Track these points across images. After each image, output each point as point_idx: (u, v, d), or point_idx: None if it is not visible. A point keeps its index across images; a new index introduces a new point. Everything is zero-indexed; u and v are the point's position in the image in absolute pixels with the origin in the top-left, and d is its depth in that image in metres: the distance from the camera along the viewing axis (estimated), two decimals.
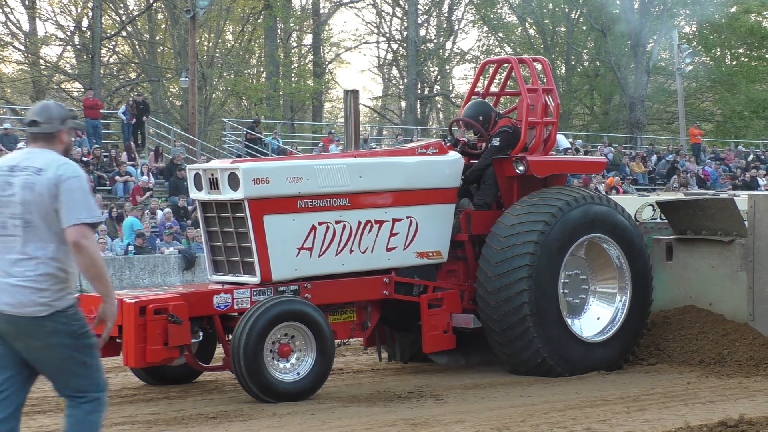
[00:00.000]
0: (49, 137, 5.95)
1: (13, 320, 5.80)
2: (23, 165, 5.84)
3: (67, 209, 5.73)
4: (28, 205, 5.80)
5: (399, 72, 58.00)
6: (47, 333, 5.81)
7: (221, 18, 48.20)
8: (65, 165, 5.85)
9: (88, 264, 5.81)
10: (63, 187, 5.75)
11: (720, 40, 58.55)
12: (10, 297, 5.78)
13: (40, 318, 5.77)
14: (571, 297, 12.25)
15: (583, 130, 56.35)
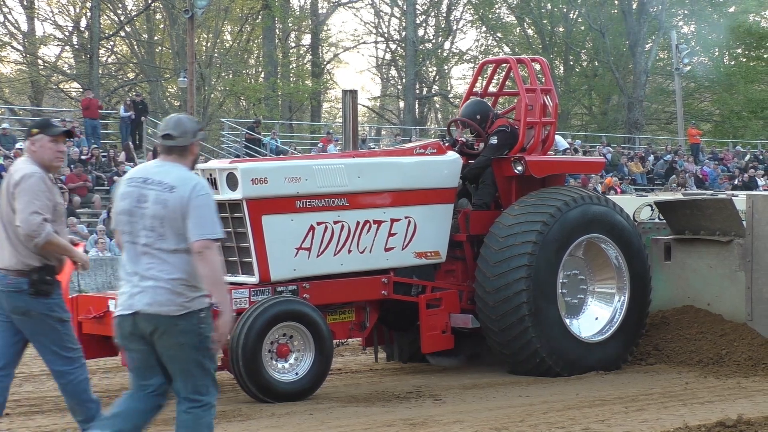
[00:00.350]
0: (182, 150, 6.36)
1: (152, 318, 6.23)
2: (156, 179, 6.28)
3: (195, 224, 6.18)
4: (160, 218, 6.24)
5: (397, 72, 58.01)
6: (179, 332, 6.23)
7: (220, 18, 48.20)
8: (196, 183, 6.29)
9: (209, 273, 6.21)
10: (192, 205, 6.20)
11: (718, 40, 58.55)
12: (149, 297, 6.22)
13: (175, 317, 6.20)
14: (569, 297, 12.25)
15: (582, 130, 56.35)
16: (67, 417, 9.88)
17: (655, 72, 57.59)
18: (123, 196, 6.38)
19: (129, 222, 6.33)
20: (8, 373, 7.92)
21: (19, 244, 7.57)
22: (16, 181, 7.58)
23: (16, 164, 7.82)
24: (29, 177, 7.57)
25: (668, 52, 55.44)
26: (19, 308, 7.64)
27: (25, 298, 7.60)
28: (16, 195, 7.53)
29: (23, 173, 7.59)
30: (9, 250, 7.63)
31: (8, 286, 7.61)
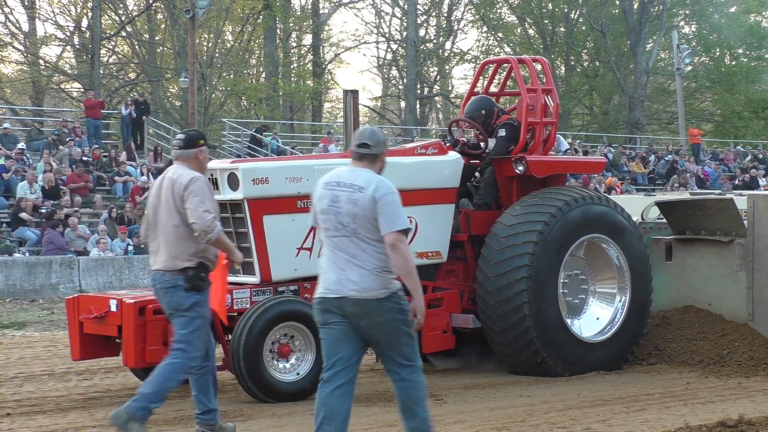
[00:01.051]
0: (373, 158, 7.27)
1: (360, 303, 7.04)
2: (348, 182, 7.16)
3: (384, 219, 6.99)
4: (352, 216, 7.07)
5: (398, 72, 58.02)
6: (386, 311, 7.06)
7: (221, 18, 48.19)
8: (382, 183, 7.11)
9: (401, 263, 7.07)
10: (380, 202, 7.02)
11: (719, 40, 58.57)
12: (355, 285, 7.01)
13: (380, 299, 7.03)
14: (570, 297, 12.26)
15: (583, 130, 56.35)
16: (68, 417, 9.90)
17: (656, 72, 57.57)
18: (320, 198, 7.29)
19: (327, 219, 7.17)
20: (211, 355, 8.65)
21: (175, 247, 8.36)
22: (184, 184, 8.37)
23: (175, 170, 8.55)
24: (197, 179, 8.42)
25: (669, 52, 55.42)
26: (174, 303, 8.39)
27: (180, 293, 8.35)
28: (187, 197, 8.33)
29: (190, 177, 8.42)
30: (166, 253, 8.39)
31: (166, 283, 8.39)
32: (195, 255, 8.40)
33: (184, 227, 8.37)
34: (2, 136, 30.48)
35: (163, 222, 8.45)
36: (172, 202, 8.41)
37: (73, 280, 22.72)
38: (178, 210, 8.38)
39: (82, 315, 10.76)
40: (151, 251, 8.60)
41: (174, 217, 8.39)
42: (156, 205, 8.55)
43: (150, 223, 8.60)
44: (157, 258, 8.49)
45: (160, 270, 8.43)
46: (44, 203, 25.97)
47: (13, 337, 16.59)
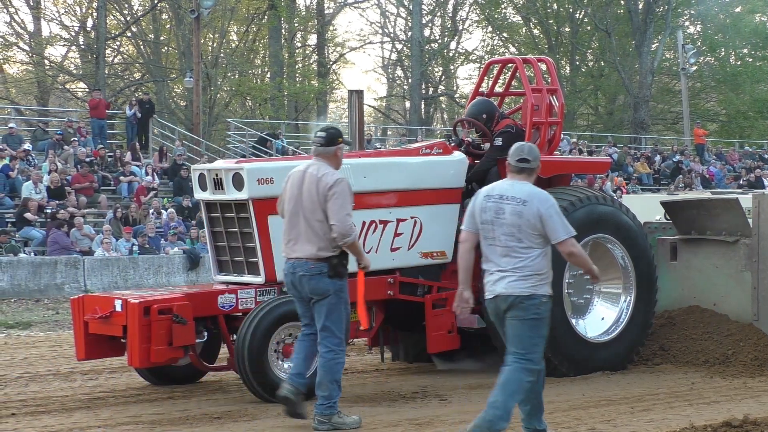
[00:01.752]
0: (531, 171, 8.09)
1: (507, 298, 7.96)
2: (510, 195, 7.94)
3: (554, 229, 7.91)
4: (517, 226, 7.92)
5: (403, 72, 58.00)
6: (523, 308, 7.93)
7: (225, 18, 48.17)
8: (542, 196, 7.99)
9: (581, 261, 8.18)
10: (545, 215, 7.91)
11: (724, 40, 58.52)
12: (506, 283, 7.93)
13: (522, 296, 7.90)
14: (575, 297, 12.25)
15: (588, 130, 56.31)
16: (73, 417, 9.91)
17: (661, 72, 57.51)
18: (484, 210, 8.06)
19: (491, 229, 8.00)
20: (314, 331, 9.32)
21: (320, 239, 9.08)
22: (330, 184, 9.04)
23: (318, 167, 9.19)
24: (341, 182, 9.11)
25: (674, 52, 55.37)
26: (319, 289, 9.12)
27: (325, 280, 9.11)
28: (330, 197, 9.02)
29: (336, 177, 9.10)
30: (309, 243, 9.12)
31: (311, 270, 9.11)
32: (338, 246, 9.12)
33: (327, 222, 9.06)
34: (7, 136, 30.49)
35: (306, 216, 9.14)
36: (316, 199, 9.10)
37: (78, 280, 22.74)
38: (321, 207, 9.08)
39: (87, 315, 10.77)
40: (290, 239, 9.26)
41: (318, 213, 9.09)
42: (296, 197, 9.21)
43: (290, 212, 9.26)
44: (297, 246, 9.19)
45: (303, 258, 9.13)
46: (49, 203, 26.00)
47: (18, 337, 16.61)
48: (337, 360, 9.17)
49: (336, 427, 9.12)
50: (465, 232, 8.23)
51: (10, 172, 27.61)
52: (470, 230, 8.18)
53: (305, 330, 9.43)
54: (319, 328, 9.19)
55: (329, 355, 9.17)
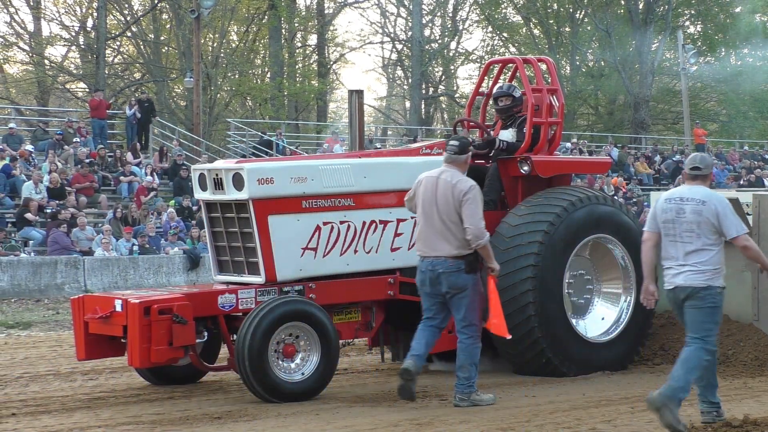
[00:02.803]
0: (705, 178, 9.03)
1: (686, 289, 8.88)
2: (689, 197, 8.85)
3: (726, 227, 8.78)
4: (696, 224, 8.83)
5: (403, 72, 58.01)
6: (699, 297, 8.87)
7: (226, 18, 48.19)
8: (716, 197, 8.90)
9: (754, 257, 9.02)
10: (721, 213, 8.78)
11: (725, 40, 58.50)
12: (685, 276, 8.85)
13: (698, 288, 8.83)
14: (575, 297, 12.25)
15: (588, 130, 56.31)
16: (73, 417, 9.92)
17: (661, 72, 57.50)
18: (665, 211, 8.96)
19: (672, 227, 8.91)
20: (439, 324, 10.41)
21: (456, 239, 10.00)
22: (464, 190, 10.00)
23: (452, 174, 10.15)
24: (475, 188, 10.08)
25: (674, 52, 55.36)
26: (458, 284, 10.05)
27: (463, 276, 10.04)
28: (464, 202, 9.96)
29: (470, 185, 10.06)
30: (446, 242, 10.04)
31: (450, 267, 10.03)
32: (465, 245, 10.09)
33: (461, 224, 9.99)
34: (7, 137, 30.50)
35: (441, 218, 10.05)
36: (452, 203, 10.03)
37: (78, 280, 22.75)
38: (457, 211, 10.00)
39: (87, 315, 10.77)
40: (425, 239, 10.16)
41: (453, 215, 10.02)
42: (431, 200, 10.12)
43: (425, 215, 10.16)
44: (433, 245, 10.11)
45: (443, 257, 10.05)
46: (49, 203, 26.00)
47: (19, 337, 16.61)
48: (475, 345, 10.20)
49: (475, 403, 10.10)
50: (647, 232, 9.16)
51: (12, 171, 27.60)
52: (652, 230, 9.11)
53: (428, 321, 10.37)
54: (459, 318, 10.18)
55: (469, 341, 10.18)
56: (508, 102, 12.66)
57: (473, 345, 10.21)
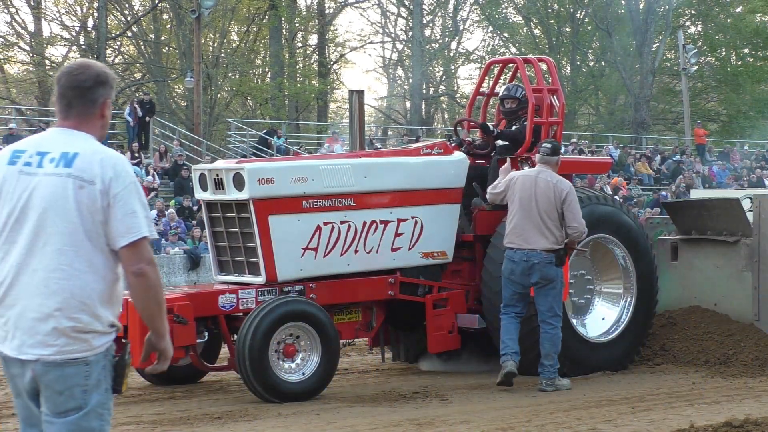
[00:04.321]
0: None
1: None
2: None
3: None
4: None
5: (404, 72, 58.02)
6: None
7: (226, 18, 48.18)
8: None
9: None
10: None
11: (725, 40, 58.52)
12: None
13: None
14: (576, 297, 12.25)
15: (589, 130, 56.31)
16: None
17: (661, 72, 57.52)
18: None
19: None
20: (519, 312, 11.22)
21: (552, 234, 10.93)
22: (566, 191, 10.95)
23: (550, 174, 11.08)
24: (572, 189, 11.11)
25: (675, 52, 55.37)
26: (549, 276, 10.93)
27: (552, 268, 10.93)
28: (567, 202, 10.93)
29: (569, 186, 11.09)
30: (542, 237, 10.93)
31: (544, 259, 10.90)
32: (563, 239, 11.02)
33: (559, 220, 10.92)
34: (8, 137, 30.49)
35: (540, 215, 10.94)
36: (553, 201, 10.93)
37: None
38: (557, 209, 10.91)
39: None
40: (521, 233, 10.99)
41: (553, 213, 10.92)
42: (529, 198, 10.97)
43: (522, 210, 10.98)
44: (529, 239, 10.95)
45: (538, 249, 10.91)
46: None
47: None
48: (558, 334, 11.07)
49: (558, 387, 11.02)
50: None
51: None
52: None
53: (510, 310, 11.17)
54: (546, 309, 11.01)
55: (554, 331, 11.04)
56: (514, 105, 12.66)
57: (557, 335, 11.07)
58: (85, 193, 4.52)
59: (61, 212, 4.52)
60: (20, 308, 4.54)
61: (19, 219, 4.57)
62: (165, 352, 4.77)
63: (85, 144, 4.62)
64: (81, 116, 4.67)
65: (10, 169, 4.62)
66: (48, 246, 4.53)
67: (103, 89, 4.67)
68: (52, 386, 4.52)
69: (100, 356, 4.64)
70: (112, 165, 4.57)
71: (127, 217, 4.54)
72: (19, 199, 4.58)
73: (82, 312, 4.53)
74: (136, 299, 4.63)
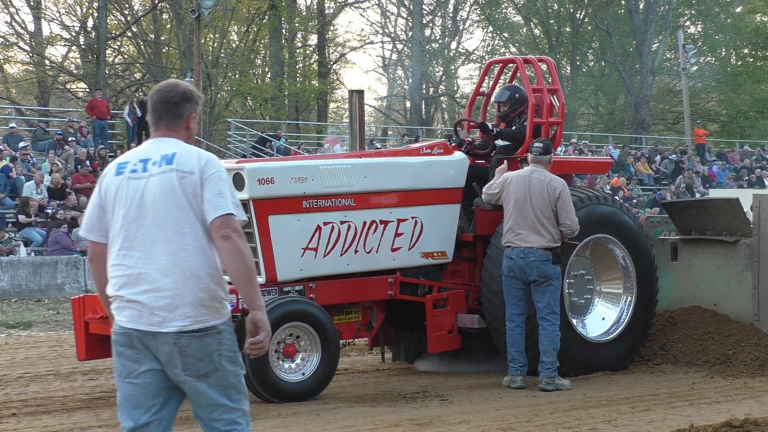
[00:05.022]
0: None
1: None
2: None
3: None
4: None
5: (404, 72, 58.00)
6: None
7: (226, 18, 48.19)
8: None
9: None
10: None
11: (725, 40, 58.53)
12: None
13: None
14: (576, 297, 12.24)
15: (589, 130, 56.32)
16: (74, 417, 9.91)
17: (661, 72, 57.53)
18: None
19: None
20: (522, 312, 11.28)
21: (548, 232, 11.06)
22: (559, 189, 11.10)
23: (542, 173, 11.19)
24: (566, 186, 11.23)
25: (675, 52, 55.38)
26: (547, 273, 11.05)
27: (549, 266, 11.06)
28: (560, 201, 11.06)
29: (562, 182, 11.19)
30: (538, 235, 11.06)
31: (541, 257, 11.03)
32: (559, 237, 11.14)
33: (554, 218, 11.07)
34: (8, 136, 30.50)
35: (536, 214, 11.08)
36: (547, 200, 11.07)
37: (79, 280, 22.73)
38: (552, 207, 11.05)
39: (87, 315, 10.77)
40: (518, 232, 11.13)
41: (547, 211, 11.07)
42: (524, 197, 11.11)
43: (517, 210, 11.14)
44: (525, 238, 11.08)
45: (534, 247, 11.04)
46: (50, 203, 25.99)
47: (19, 337, 16.60)
48: (557, 332, 11.13)
49: (558, 387, 11.07)
50: None
51: (10, 173, 27.60)
52: None
53: (517, 319, 11.28)
54: (543, 305, 11.10)
55: (552, 327, 11.11)
56: (506, 108, 12.68)
57: (556, 332, 11.12)
58: (187, 182, 5.31)
59: (172, 201, 5.30)
60: (155, 289, 5.28)
61: (137, 215, 5.31)
62: (262, 322, 5.45)
63: (179, 146, 5.43)
64: (169, 127, 5.49)
65: (119, 178, 5.40)
66: (168, 232, 5.29)
67: (188, 104, 5.51)
68: (193, 354, 5.30)
69: (227, 322, 5.49)
70: (205, 158, 5.39)
71: (215, 197, 5.29)
72: (132, 199, 5.33)
73: (210, 283, 5.35)
74: (227, 263, 5.31)
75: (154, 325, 5.28)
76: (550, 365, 11.14)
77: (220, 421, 5.39)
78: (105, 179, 5.47)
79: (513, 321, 11.29)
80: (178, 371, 5.31)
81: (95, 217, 5.47)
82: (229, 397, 5.40)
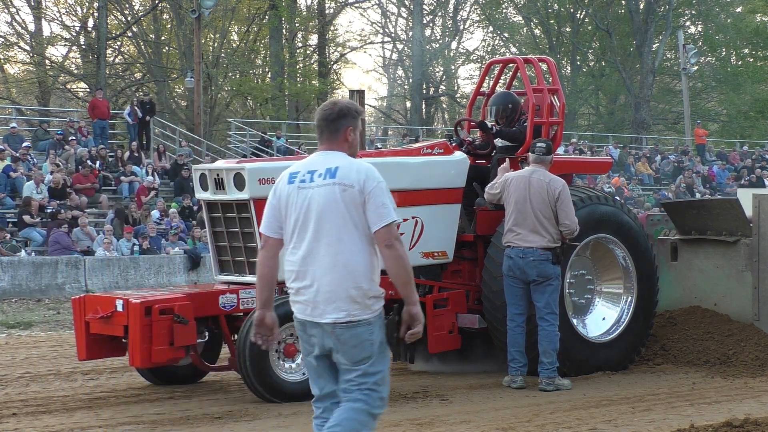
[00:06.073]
0: None
1: None
2: None
3: None
4: None
5: (404, 72, 58.01)
6: None
7: (226, 18, 48.18)
8: None
9: None
10: None
11: (725, 40, 58.53)
12: None
13: None
14: (576, 297, 12.24)
15: (589, 130, 56.31)
16: (74, 417, 9.92)
17: (662, 72, 57.52)
18: None
19: None
20: (523, 312, 11.29)
21: (548, 232, 11.08)
22: (559, 189, 11.10)
23: (543, 173, 11.22)
24: (566, 187, 11.22)
25: (675, 52, 55.38)
26: (546, 273, 11.06)
27: (548, 266, 11.07)
28: (560, 201, 11.08)
29: (562, 182, 11.22)
30: (538, 235, 11.08)
31: (540, 257, 11.06)
32: (559, 237, 11.15)
33: (554, 218, 11.08)
34: (8, 136, 30.50)
35: (536, 214, 11.11)
36: (547, 200, 11.09)
37: (79, 280, 22.74)
38: (552, 208, 11.07)
39: (88, 315, 10.76)
40: (518, 232, 11.17)
41: (547, 211, 11.10)
42: (524, 198, 11.15)
43: (517, 210, 11.17)
44: (528, 238, 11.11)
45: (534, 247, 11.07)
46: (50, 203, 25.99)
47: (19, 337, 16.61)
48: (556, 332, 11.14)
49: (558, 387, 11.10)
50: None
51: (12, 172, 27.60)
52: None
53: (518, 318, 11.28)
54: (542, 305, 11.11)
55: (551, 328, 11.12)
56: (504, 121, 12.70)
57: (555, 332, 11.13)
58: (348, 194, 6.11)
59: (334, 210, 6.12)
60: (317, 285, 6.25)
61: (304, 221, 6.19)
62: (417, 316, 6.34)
63: (341, 159, 6.20)
64: (329, 140, 6.27)
65: (291, 187, 6.27)
66: (329, 236, 6.14)
67: (345, 120, 6.24)
68: (348, 342, 6.19)
69: (378, 317, 6.34)
70: (364, 171, 6.14)
71: (378, 208, 6.10)
72: (301, 206, 6.19)
73: (363, 281, 6.23)
74: (389, 268, 6.23)
75: (317, 317, 6.24)
76: (549, 366, 11.14)
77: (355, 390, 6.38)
78: (279, 185, 6.36)
79: (513, 321, 11.27)
80: (338, 356, 6.22)
81: (270, 216, 6.38)
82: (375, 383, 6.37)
